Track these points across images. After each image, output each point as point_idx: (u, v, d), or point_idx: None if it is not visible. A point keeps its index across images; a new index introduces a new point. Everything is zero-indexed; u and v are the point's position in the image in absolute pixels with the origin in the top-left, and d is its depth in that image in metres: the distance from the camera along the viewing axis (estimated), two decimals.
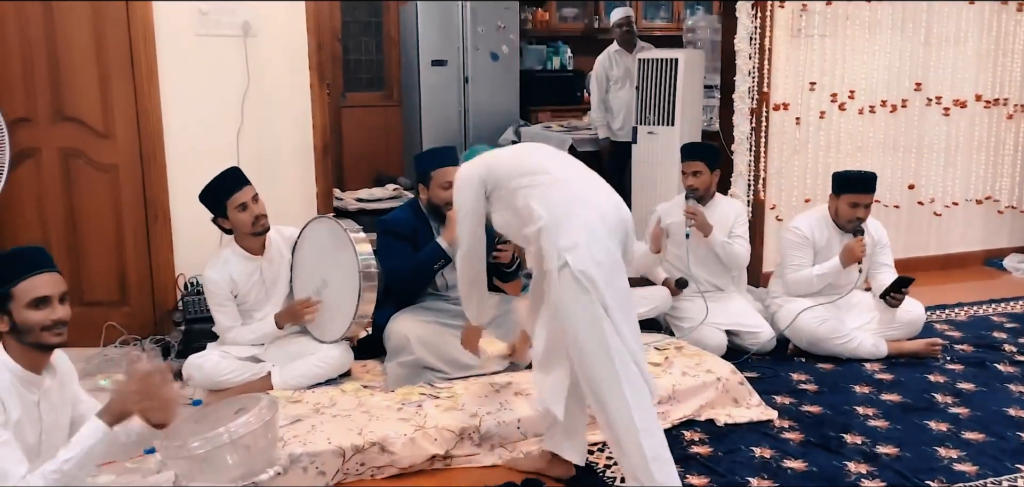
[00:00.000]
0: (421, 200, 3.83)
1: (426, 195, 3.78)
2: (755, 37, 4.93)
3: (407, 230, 3.77)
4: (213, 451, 2.39)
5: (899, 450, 3.15)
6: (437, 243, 3.67)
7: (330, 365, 3.55)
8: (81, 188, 4.23)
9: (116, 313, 4.29)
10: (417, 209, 3.85)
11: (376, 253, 3.83)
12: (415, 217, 3.82)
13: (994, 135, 5.75)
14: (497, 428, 3.14)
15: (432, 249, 3.68)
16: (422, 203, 3.83)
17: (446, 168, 3.71)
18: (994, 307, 4.98)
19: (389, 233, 3.78)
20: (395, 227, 3.79)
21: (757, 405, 3.51)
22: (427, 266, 3.68)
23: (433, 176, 3.73)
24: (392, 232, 3.78)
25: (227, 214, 3.49)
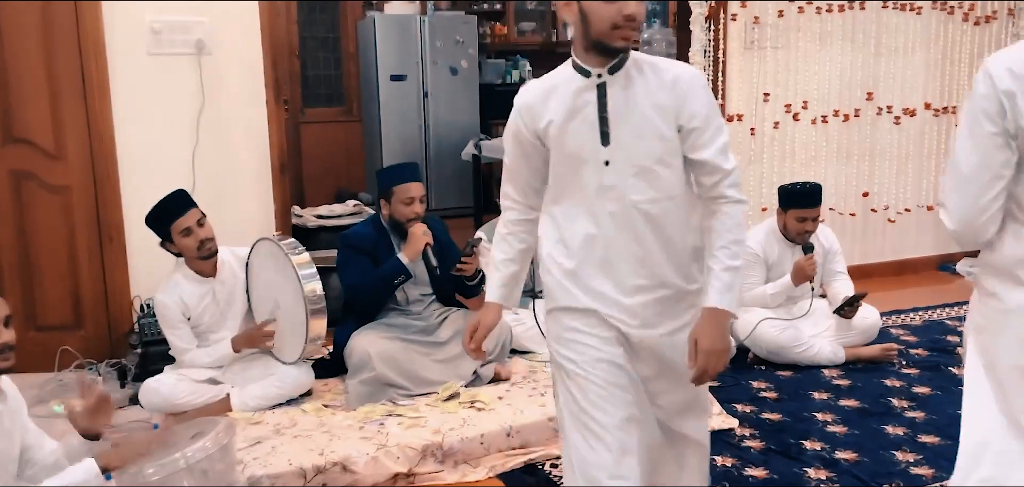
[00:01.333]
0: (383, 215, 3.82)
1: (388, 210, 3.77)
2: (709, 50, 4.99)
3: (367, 245, 3.76)
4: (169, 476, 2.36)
5: (858, 455, 3.20)
6: (398, 259, 3.66)
7: (290, 385, 3.52)
8: (33, 210, 4.14)
9: (70, 337, 4.21)
10: (379, 225, 3.84)
11: (337, 267, 3.80)
12: (376, 232, 3.81)
13: (944, 142, 5.87)
14: (460, 444, 3.13)
15: (393, 265, 3.66)
16: (384, 219, 3.81)
17: (407, 184, 3.72)
18: (948, 311, 5.08)
19: (350, 247, 3.76)
20: (356, 242, 3.78)
21: (718, 414, 3.53)
22: (388, 281, 3.67)
23: (395, 192, 3.72)
24: (352, 247, 3.76)
25: (172, 238, 3.45)
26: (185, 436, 2.49)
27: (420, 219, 3.72)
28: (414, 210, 3.71)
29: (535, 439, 3.24)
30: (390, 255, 3.73)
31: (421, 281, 3.80)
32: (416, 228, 3.67)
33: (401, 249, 3.71)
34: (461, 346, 3.65)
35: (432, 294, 3.88)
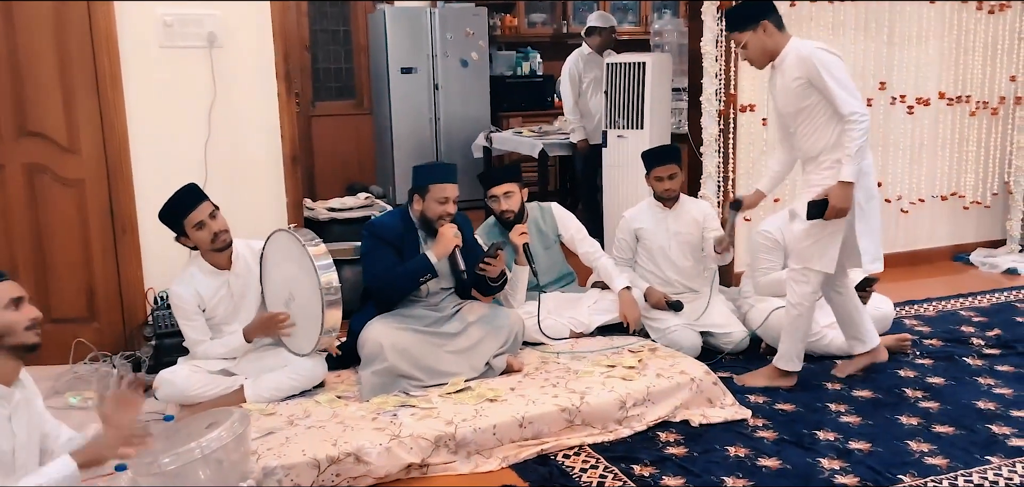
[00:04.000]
0: (413, 210, 3.81)
1: (420, 206, 3.76)
2: (721, 40, 4.97)
3: (394, 237, 3.76)
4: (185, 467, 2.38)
5: (871, 445, 3.19)
6: (425, 256, 3.66)
7: (303, 377, 3.53)
8: (46, 204, 4.17)
9: (85, 330, 4.23)
10: (407, 218, 3.83)
11: (360, 255, 3.81)
12: (404, 226, 3.81)
13: (957, 132, 5.84)
14: (473, 435, 3.13)
15: (420, 262, 3.66)
16: (414, 214, 3.81)
17: (445, 185, 3.72)
18: (962, 301, 5.05)
19: (376, 238, 3.76)
20: (382, 233, 3.78)
21: (731, 405, 3.53)
22: (413, 277, 3.67)
23: (430, 189, 3.72)
24: (378, 237, 3.76)
25: (186, 233, 3.47)
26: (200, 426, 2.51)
27: (450, 219, 3.72)
28: (446, 210, 3.71)
29: (547, 430, 3.24)
30: (415, 250, 3.73)
31: (443, 276, 3.81)
32: (447, 229, 3.67)
33: (428, 246, 3.71)
34: (474, 337, 3.69)
35: (451, 289, 3.89)
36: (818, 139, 3.53)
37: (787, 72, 3.53)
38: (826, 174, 3.51)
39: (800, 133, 3.59)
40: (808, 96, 3.49)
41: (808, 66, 3.45)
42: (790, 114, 3.59)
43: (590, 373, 3.60)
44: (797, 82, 3.49)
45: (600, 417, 3.32)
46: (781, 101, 3.61)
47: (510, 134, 7.13)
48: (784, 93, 3.57)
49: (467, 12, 7.75)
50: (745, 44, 3.59)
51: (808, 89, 3.48)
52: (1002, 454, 3.10)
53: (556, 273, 4.44)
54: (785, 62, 3.55)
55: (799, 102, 3.52)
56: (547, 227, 4.42)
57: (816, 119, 3.51)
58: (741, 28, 3.58)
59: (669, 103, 5.51)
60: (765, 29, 3.54)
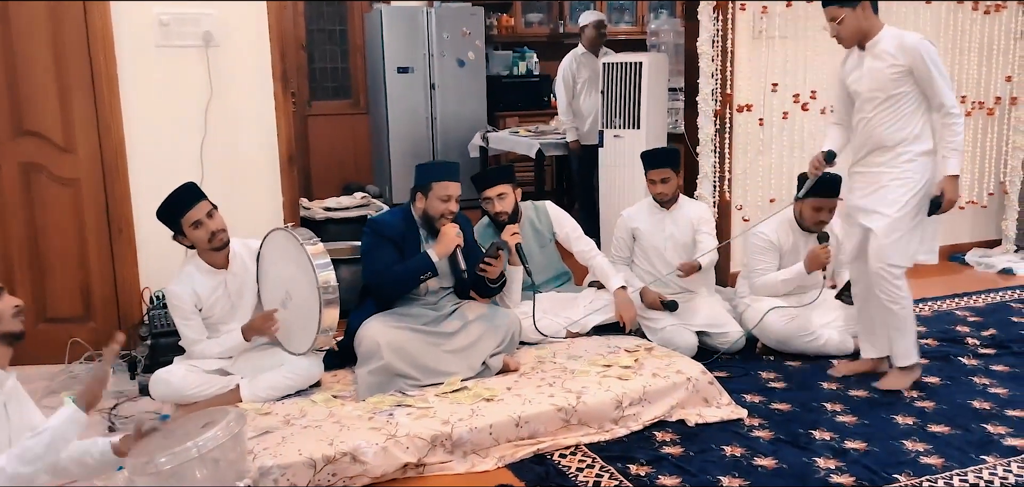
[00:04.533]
0: (415, 208, 3.81)
1: (423, 205, 3.76)
2: (717, 40, 4.98)
3: (395, 234, 3.76)
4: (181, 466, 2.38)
5: (867, 445, 3.19)
6: (426, 254, 3.66)
7: (299, 376, 3.53)
8: (43, 203, 4.16)
9: (80, 329, 4.23)
10: (408, 216, 3.83)
11: (361, 252, 3.81)
12: (405, 223, 3.81)
13: None
14: (469, 435, 3.13)
15: (421, 260, 3.66)
16: (416, 212, 3.81)
17: (448, 183, 3.72)
18: (957, 301, 5.06)
19: (377, 234, 3.77)
20: (383, 230, 3.78)
21: (727, 404, 3.54)
22: (413, 275, 3.67)
23: (433, 187, 3.72)
24: (380, 234, 3.76)
25: (183, 231, 3.46)
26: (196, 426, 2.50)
27: (453, 217, 3.72)
28: (449, 208, 3.72)
29: (544, 429, 3.24)
30: (416, 248, 3.73)
31: (444, 276, 3.81)
32: (449, 228, 3.68)
33: (429, 245, 3.71)
34: (471, 337, 3.69)
35: (450, 288, 3.89)
36: (900, 129, 3.50)
37: (883, 57, 3.49)
38: (908, 167, 3.50)
39: (878, 120, 3.53)
40: (901, 84, 3.47)
41: (914, 56, 3.43)
42: (873, 99, 3.53)
43: (586, 373, 3.60)
44: (896, 69, 3.46)
45: (596, 416, 3.32)
46: (868, 84, 3.54)
47: (506, 134, 7.14)
48: (874, 77, 3.51)
49: (464, 12, 7.75)
50: (841, 20, 3.52)
51: (905, 77, 3.46)
52: (997, 453, 3.11)
53: (552, 272, 4.44)
54: (880, 46, 3.50)
55: (891, 89, 3.48)
56: (542, 226, 4.42)
57: (902, 108, 3.49)
58: (842, 3, 3.51)
59: (665, 103, 5.51)
60: (864, 9, 3.50)
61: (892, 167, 3.53)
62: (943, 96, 3.43)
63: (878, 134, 3.55)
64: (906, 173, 3.50)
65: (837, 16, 3.54)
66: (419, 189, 3.78)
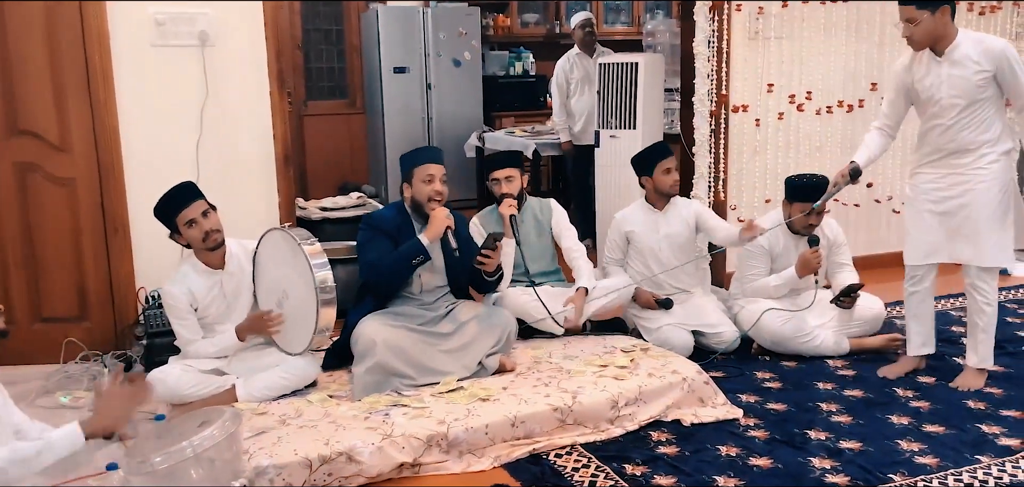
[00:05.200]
0: (405, 199, 3.82)
1: (409, 193, 3.77)
2: (713, 40, 4.98)
3: (390, 227, 3.77)
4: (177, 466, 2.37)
5: (862, 445, 3.20)
6: (417, 239, 3.66)
7: (295, 376, 3.52)
8: (38, 202, 4.15)
9: (76, 329, 4.22)
10: (402, 209, 3.85)
11: (357, 247, 3.81)
12: (399, 216, 3.82)
13: None
14: (465, 434, 3.13)
15: (412, 244, 3.66)
16: (406, 202, 3.82)
17: (428, 164, 3.73)
18: (951, 302, 5.08)
19: (371, 228, 3.78)
20: (378, 223, 3.80)
21: (723, 404, 3.54)
22: (406, 260, 3.66)
23: (415, 172, 3.74)
24: (374, 227, 3.78)
25: (178, 230, 3.46)
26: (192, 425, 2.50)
27: (442, 200, 3.73)
28: (434, 188, 3.71)
29: (540, 429, 3.25)
30: (411, 237, 3.73)
31: (438, 271, 3.81)
32: (439, 211, 3.68)
33: (422, 232, 3.71)
34: (467, 337, 3.69)
35: (446, 287, 3.88)
36: (982, 131, 3.51)
37: (965, 63, 3.47)
38: (993, 167, 3.52)
39: (960, 125, 3.52)
40: (987, 89, 3.47)
41: (1000, 60, 3.44)
42: (954, 106, 3.51)
43: (582, 372, 3.60)
44: (982, 75, 3.45)
45: (592, 416, 3.32)
46: (948, 91, 3.50)
47: (503, 134, 7.14)
48: (955, 83, 3.49)
49: (460, 12, 7.74)
50: (918, 21, 3.47)
51: (990, 82, 3.47)
52: (991, 453, 3.12)
53: (546, 264, 4.44)
54: (960, 51, 3.48)
55: (975, 94, 3.48)
56: (543, 218, 4.45)
57: (985, 112, 3.50)
58: (920, 5, 3.46)
59: (661, 103, 5.52)
60: (944, 14, 3.47)
61: (976, 168, 3.53)
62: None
63: (960, 139, 3.55)
64: (993, 173, 3.52)
65: (915, 18, 3.48)
66: (404, 179, 3.80)
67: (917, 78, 3.61)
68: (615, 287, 4.23)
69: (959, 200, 3.58)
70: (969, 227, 3.57)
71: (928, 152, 3.67)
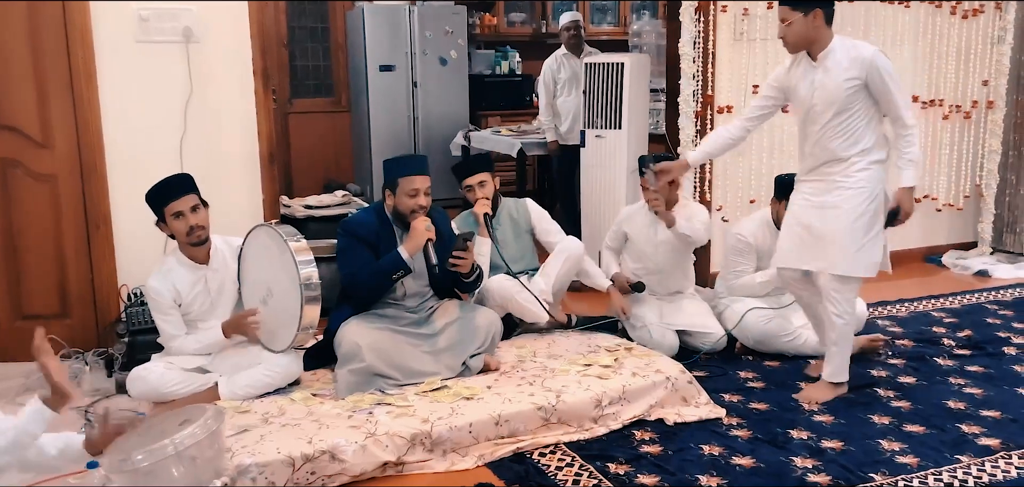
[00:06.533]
0: (386, 206, 3.79)
1: (392, 202, 3.74)
2: (699, 41, 5.00)
3: (369, 234, 3.73)
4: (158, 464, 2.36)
5: (843, 444, 3.22)
6: (398, 253, 3.64)
7: (278, 374, 3.51)
8: (19, 198, 4.12)
9: (57, 326, 4.18)
10: (382, 214, 3.81)
11: (336, 253, 3.79)
12: (379, 222, 3.78)
13: (930, 136, 5.90)
14: (449, 433, 3.13)
15: (392, 258, 3.64)
16: (387, 209, 3.79)
17: (413, 177, 3.69)
18: (934, 303, 5.11)
19: (350, 235, 3.74)
20: (357, 230, 3.75)
21: (706, 403, 3.56)
22: (386, 275, 3.64)
23: (400, 183, 3.70)
24: (354, 235, 3.74)
25: (165, 220, 3.44)
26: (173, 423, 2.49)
27: (425, 211, 3.70)
28: (418, 202, 3.68)
29: (523, 428, 3.25)
30: (392, 246, 3.71)
31: (420, 275, 3.79)
32: (419, 223, 3.65)
33: (402, 242, 3.69)
34: (451, 338, 3.68)
35: (430, 291, 3.87)
36: (853, 142, 3.45)
37: (836, 71, 3.43)
38: (861, 176, 3.45)
39: (830, 132, 3.47)
40: (857, 98, 3.42)
41: (870, 69, 3.39)
42: (827, 112, 3.47)
43: (566, 371, 3.61)
44: (852, 83, 3.41)
45: (576, 415, 3.33)
46: (821, 96, 3.47)
47: (488, 133, 7.14)
48: (827, 90, 3.45)
49: (446, 10, 7.73)
50: (790, 23, 3.47)
51: (861, 92, 3.42)
52: (971, 453, 3.14)
53: (526, 263, 4.45)
54: (833, 58, 3.45)
55: (846, 102, 3.43)
56: (519, 217, 4.45)
57: (855, 122, 3.44)
58: (794, 5, 3.45)
59: (647, 104, 5.53)
60: (816, 17, 3.44)
61: (845, 177, 3.48)
62: (900, 109, 3.42)
63: (831, 148, 3.50)
64: (860, 182, 3.46)
65: (787, 18, 3.49)
66: (387, 186, 3.75)
67: (794, 82, 3.60)
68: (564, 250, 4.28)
69: (826, 209, 3.52)
70: (829, 234, 3.52)
71: (806, 165, 3.65)
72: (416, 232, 3.63)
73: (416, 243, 3.63)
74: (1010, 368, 4.01)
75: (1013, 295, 5.26)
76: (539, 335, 4.17)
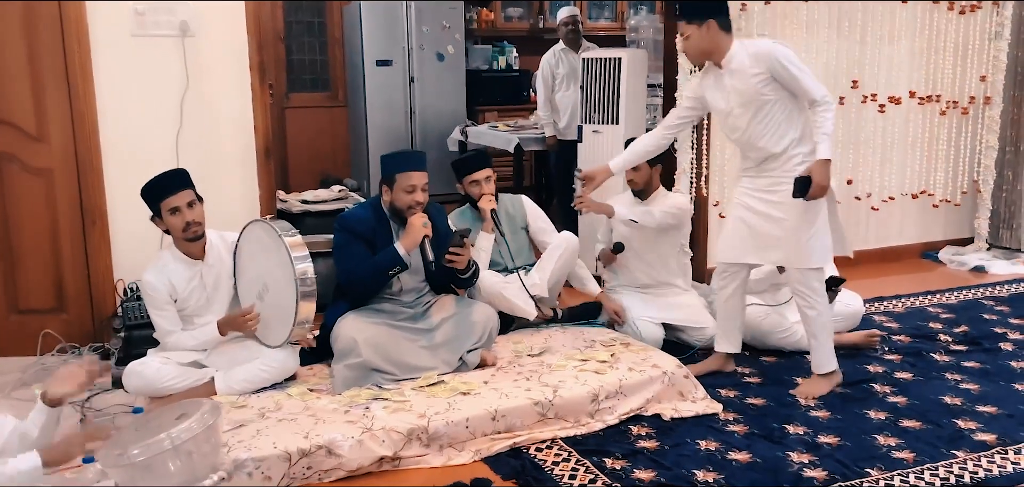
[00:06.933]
0: (383, 201, 3.79)
1: (389, 197, 3.74)
2: None
3: (365, 229, 3.72)
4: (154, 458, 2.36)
5: (839, 439, 3.22)
6: (394, 249, 3.63)
7: (275, 369, 3.50)
8: (14, 193, 4.11)
9: (53, 321, 4.19)
10: (378, 209, 3.80)
11: (333, 248, 3.78)
12: (375, 217, 3.77)
13: (928, 131, 5.91)
14: (445, 428, 3.13)
15: (389, 254, 3.63)
16: (384, 204, 3.78)
17: (411, 173, 3.68)
18: (930, 298, 5.12)
19: (347, 231, 3.73)
20: (354, 225, 3.74)
21: (702, 398, 3.56)
22: (382, 271, 3.64)
23: (397, 179, 3.68)
24: (350, 230, 3.73)
25: (161, 215, 3.44)
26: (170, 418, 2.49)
27: (422, 207, 3.69)
28: (415, 199, 3.67)
29: (520, 423, 3.25)
30: (388, 241, 3.70)
31: (417, 271, 3.78)
32: (416, 219, 3.64)
33: (399, 238, 3.68)
34: (448, 333, 3.68)
35: (425, 285, 3.87)
36: (782, 135, 3.51)
37: (742, 72, 3.49)
38: (800, 169, 3.49)
39: (756, 131, 3.53)
40: (767, 91, 3.47)
41: (769, 61, 3.44)
42: (744, 113, 3.53)
43: (563, 367, 3.60)
44: (758, 78, 3.47)
45: (572, 410, 3.33)
46: (736, 100, 3.54)
47: (486, 128, 7.12)
48: (740, 92, 3.52)
49: (443, 5, 7.71)
50: (687, 36, 3.54)
51: (769, 84, 3.47)
52: (967, 448, 3.15)
53: (523, 259, 4.44)
54: (735, 62, 3.51)
55: (760, 98, 3.48)
56: (515, 213, 4.45)
57: (775, 115, 3.49)
58: (688, 19, 3.53)
59: (644, 99, 5.53)
60: (709, 28, 3.50)
61: (785, 171, 3.52)
62: (810, 90, 3.44)
63: (760, 146, 3.55)
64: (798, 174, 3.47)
65: (684, 32, 3.56)
66: (384, 181, 3.74)
67: (707, 93, 3.66)
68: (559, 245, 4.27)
69: (771, 204, 3.56)
70: (780, 230, 3.55)
71: (744, 165, 3.70)
72: (413, 228, 3.62)
73: (413, 239, 3.62)
74: (1006, 364, 4.01)
75: (1009, 291, 5.26)
76: (535, 330, 4.17)
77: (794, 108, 3.50)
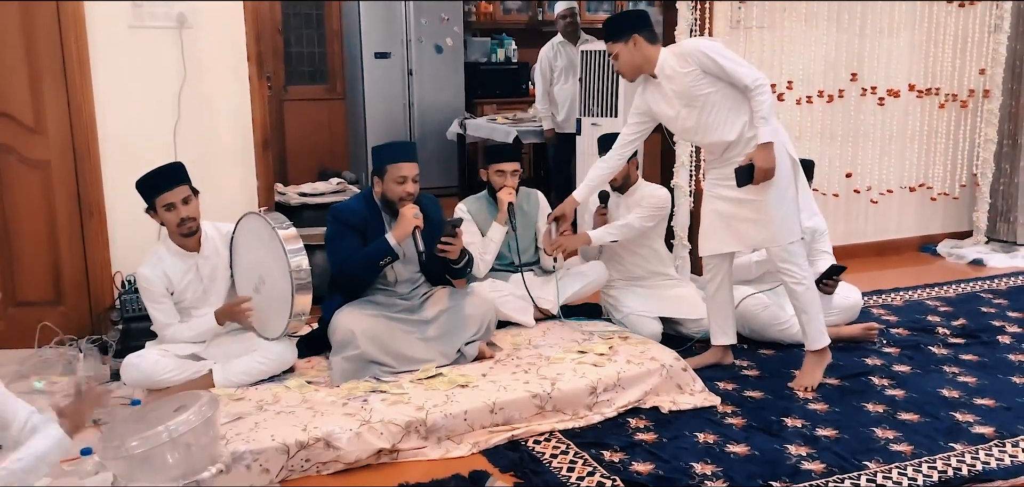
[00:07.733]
0: (375, 192, 3.78)
1: (380, 188, 3.73)
2: (695, 30, 4.98)
3: (357, 221, 3.71)
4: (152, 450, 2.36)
5: (838, 432, 3.22)
6: (385, 239, 3.63)
7: (273, 361, 3.50)
8: (12, 185, 4.10)
9: (51, 313, 4.18)
10: (370, 201, 3.79)
11: (325, 240, 3.78)
12: (367, 209, 3.76)
13: (927, 124, 5.90)
14: (444, 421, 3.13)
15: (380, 245, 3.62)
16: (376, 196, 3.78)
17: (401, 164, 3.66)
18: (928, 291, 5.12)
19: (339, 222, 3.72)
20: (345, 217, 3.73)
21: (701, 391, 3.56)
22: (374, 261, 3.63)
23: (388, 170, 3.67)
24: (342, 222, 3.72)
25: (156, 210, 3.43)
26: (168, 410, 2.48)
27: (413, 198, 3.69)
28: (406, 190, 3.66)
29: (518, 415, 3.25)
30: (380, 233, 3.69)
31: (411, 262, 3.77)
32: (407, 209, 3.62)
33: (391, 229, 3.68)
34: (446, 325, 3.68)
35: (421, 277, 3.86)
36: (732, 124, 3.53)
37: (676, 75, 3.53)
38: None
39: (705, 128, 3.56)
40: (704, 85, 3.49)
41: (697, 56, 3.47)
42: (693, 112, 3.55)
43: (561, 359, 3.60)
44: (690, 75, 3.49)
45: (571, 403, 3.33)
46: (678, 104, 3.57)
47: (484, 121, 7.12)
48: (679, 94, 3.55)
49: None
50: (616, 55, 3.60)
51: (703, 78, 3.48)
52: (965, 441, 3.15)
53: (530, 256, 4.45)
54: (667, 68, 3.55)
55: (698, 92, 3.50)
56: (530, 209, 4.45)
57: (720, 106, 3.52)
58: (614, 40, 3.58)
59: None
60: (636, 43, 3.54)
61: (746, 155, 3.53)
62: (741, 77, 3.45)
63: (715, 137, 3.58)
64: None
65: (613, 52, 3.61)
66: (376, 172, 3.73)
67: (651, 102, 3.69)
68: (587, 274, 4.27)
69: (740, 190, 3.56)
70: (753, 212, 3.59)
71: (709, 158, 3.75)
72: (404, 219, 3.62)
73: (404, 230, 3.61)
74: (1004, 357, 4.02)
75: (1008, 284, 5.27)
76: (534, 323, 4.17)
77: (735, 98, 3.53)
